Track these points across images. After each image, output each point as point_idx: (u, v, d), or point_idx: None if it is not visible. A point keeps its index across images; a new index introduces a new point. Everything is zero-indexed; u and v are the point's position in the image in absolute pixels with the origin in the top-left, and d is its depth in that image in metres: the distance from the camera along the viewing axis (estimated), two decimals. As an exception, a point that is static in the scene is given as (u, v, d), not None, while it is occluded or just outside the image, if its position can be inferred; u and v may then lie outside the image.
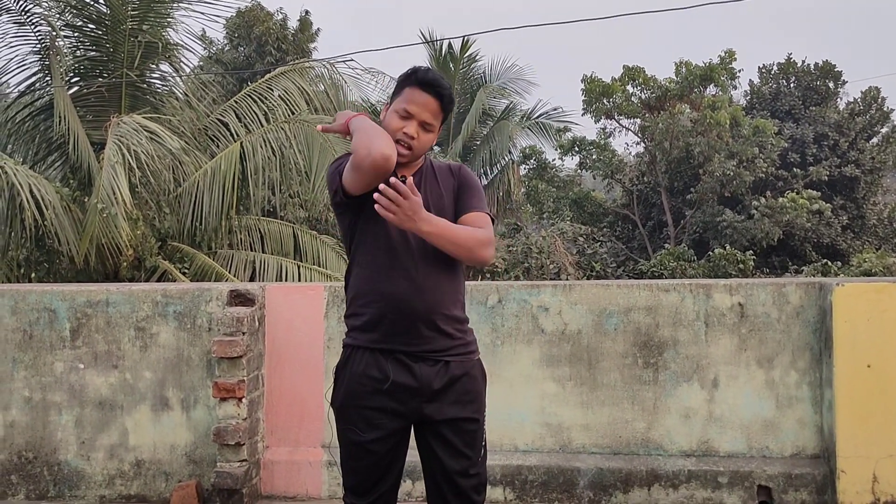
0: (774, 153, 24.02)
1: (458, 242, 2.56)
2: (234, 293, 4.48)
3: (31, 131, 11.02)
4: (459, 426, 2.65)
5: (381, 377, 2.59)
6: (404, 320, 2.58)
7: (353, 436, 2.63)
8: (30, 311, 4.68)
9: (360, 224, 2.64)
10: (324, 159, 10.67)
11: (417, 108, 2.63)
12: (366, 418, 2.60)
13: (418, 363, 2.59)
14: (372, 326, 2.61)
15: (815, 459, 4.36)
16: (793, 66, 27.67)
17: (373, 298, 2.61)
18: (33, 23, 10.50)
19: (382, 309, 2.59)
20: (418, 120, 2.63)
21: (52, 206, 8.94)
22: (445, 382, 2.62)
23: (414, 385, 2.59)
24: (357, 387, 2.61)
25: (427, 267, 2.60)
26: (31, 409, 4.67)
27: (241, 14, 19.44)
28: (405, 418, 2.63)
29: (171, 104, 11.43)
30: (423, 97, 2.64)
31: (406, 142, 2.62)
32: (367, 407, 2.60)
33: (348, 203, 2.61)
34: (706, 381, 4.43)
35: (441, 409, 2.62)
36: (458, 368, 2.65)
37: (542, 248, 19.11)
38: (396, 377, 2.58)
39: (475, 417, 2.69)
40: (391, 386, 2.58)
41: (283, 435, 4.63)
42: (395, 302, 2.57)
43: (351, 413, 2.63)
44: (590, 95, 25.22)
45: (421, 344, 2.59)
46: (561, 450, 4.50)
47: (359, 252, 2.66)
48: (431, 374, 2.60)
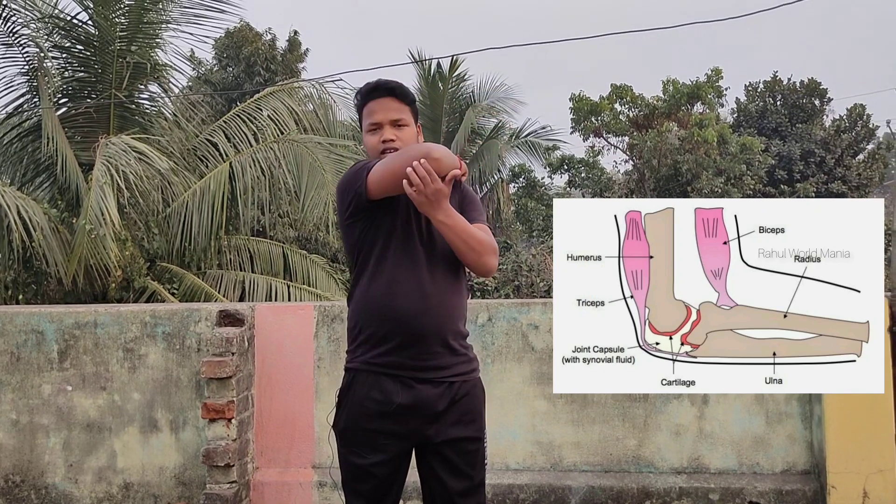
0: (762, 170, 24.20)
1: (471, 242, 2.57)
2: (223, 313, 4.46)
3: (19, 152, 10.98)
4: (462, 446, 2.64)
5: (384, 400, 2.57)
6: (415, 335, 2.57)
7: (356, 459, 2.61)
8: (17, 333, 4.66)
9: (370, 236, 2.62)
10: (313, 178, 10.67)
11: (378, 114, 2.69)
12: (369, 441, 2.59)
13: (423, 385, 2.58)
14: (381, 341, 2.59)
15: (805, 475, 4.36)
16: (779, 83, 27.94)
17: (383, 313, 2.58)
18: (21, 44, 10.48)
19: (393, 323, 2.57)
20: (386, 122, 2.68)
21: (39, 228, 8.89)
22: (448, 403, 2.61)
23: (418, 407, 2.58)
24: (361, 410, 2.60)
25: (438, 282, 2.61)
26: (18, 432, 4.64)
27: (230, 34, 19.49)
28: (408, 441, 2.62)
29: (160, 124, 11.41)
30: (376, 104, 2.71)
31: (390, 147, 2.64)
32: (370, 430, 2.59)
33: (363, 208, 2.59)
34: (696, 397, 4.43)
35: (443, 430, 2.61)
36: (462, 389, 2.65)
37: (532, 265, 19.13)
38: (401, 400, 2.57)
39: (477, 437, 2.69)
40: (396, 409, 2.57)
41: (273, 456, 4.61)
42: (407, 317, 2.56)
43: (354, 436, 2.62)
44: (578, 114, 25.39)
45: (429, 360, 2.58)
46: (552, 468, 4.49)
47: (368, 266, 2.63)
48: (435, 396, 2.59)
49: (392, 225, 2.61)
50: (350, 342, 2.69)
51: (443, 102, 22.99)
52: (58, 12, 10.71)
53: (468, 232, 2.57)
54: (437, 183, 2.43)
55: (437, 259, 2.62)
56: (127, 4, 10.68)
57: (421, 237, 2.63)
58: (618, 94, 25.10)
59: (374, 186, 2.53)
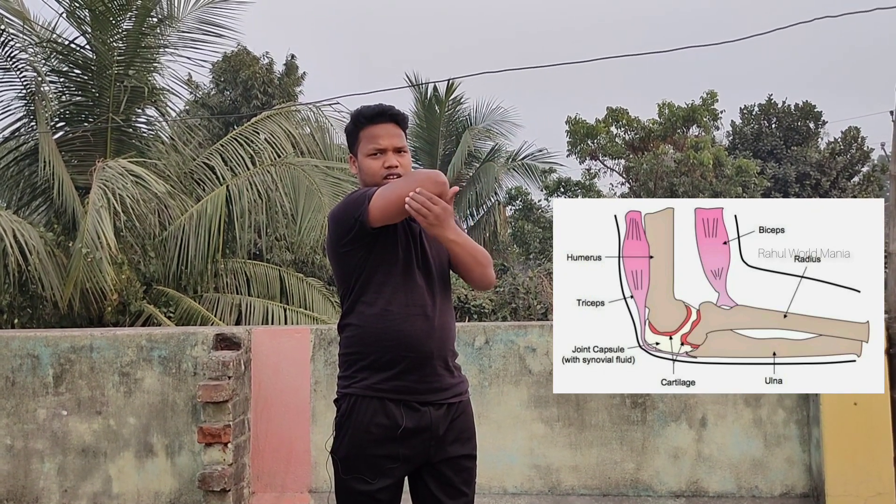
0: (757, 192, 24.28)
1: (478, 256, 2.66)
2: (219, 337, 4.45)
3: (16, 176, 10.99)
4: (459, 464, 2.67)
5: (391, 425, 2.57)
6: (421, 358, 2.59)
7: (360, 486, 2.59)
8: (12, 358, 4.64)
9: (370, 263, 2.62)
10: (310, 202, 10.69)
11: (383, 139, 2.70)
12: (375, 466, 2.58)
13: (427, 407, 2.60)
14: (385, 366, 2.58)
15: (804, 499, 4.34)
16: (773, 106, 28.10)
17: (390, 337, 2.58)
18: (19, 68, 10.52)
19: (400, 348, 2.58)
20: (390, 149, 2.70)
21: (35, 251, 8.89)
22: (448, 423, 2.64)
23: (423, 430, 2.59)
24: (364, 436, 2.58)
25: (438, 305, 2.66)
26: (12, 457, 4.61)
27: (227, 59, 19.57)
28: (413, 463, 2.63)
29: (157, 148, 11.44)
30: (379, 129, 2.72)
31: (394, 173, 2.67)
32: (376, 455, 2.58)
33: (364, 236, 2.59)
34: (694, 420, 4.42)
35: (443, 449, 2.63)
36: (458, 408, 2.69)
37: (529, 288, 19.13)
38: (407, 423, 2.57)
39: (473, 454, 2.72)
40: (402, 433, 2.57)
41: (269, 480, 4.58)
42: (412, 340, 2.58)
43: (358, 462, 2.59)
44: (574, 136, 25.50)
45: (433, 381, 2.61)
46: (550, 492, 4.46)
47: (368, 291, 2.63)
48: (438, 418, 2.62)
49: (391, 252, 2.63)
50: (345, 368, 2.67)
51: (439, 126, 23.09)
52: (55, 37, 10.77)
53: (476, 247, 2.66)
54: (440, 203, 2.48)
55: (433, 283, 2.67)
56: (125, 29, 10.74)
57: (418, 263, 2.66)
58: (613, 116, 25.23)
59: (376, 214, 2.54)
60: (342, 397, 2.66)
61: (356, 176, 2.83)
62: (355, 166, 2.79)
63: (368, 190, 2.62)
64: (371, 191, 2.60)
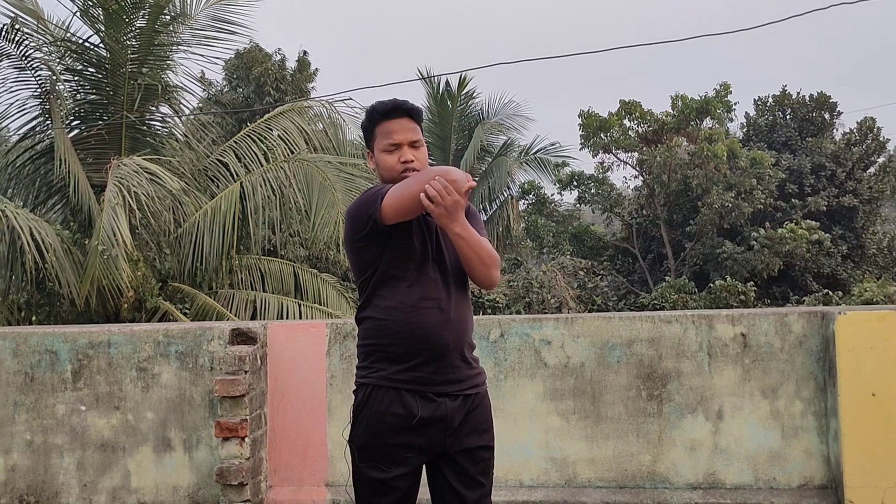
0: (772, 184, 24.14)
1: (483, 255, 2.65)
2: (235, 332, 4.47)
3: (32, 175, 11.06)
4: (476, 455, 2.70)
5: (406, 414, 2.61)
6: (438, 350, 2.62)
7: (376, 473, 2.64)
8: (31, 354, 4.67)
9: (385, 257, 2.66)
10: (323, 198, 10.71)
11: (398, 134, 2.73)
12: (391, 455, 2.62)
13: (443, 398, 2.64)
14: (401, 358, 2.63)
15: (822, 490, 4.32)
16: (788, 97, 27.89)
17: (406, 330, 2.62)
18: (34, 67, 10.58)
19: (417, 340, 2.62)
20: (406, 143, 2.73)
21: (52, 249, 8.95)
22: (464, 414, 2.67)
23: (439, 420, 2.62)
24: (381, 425, 2.62)
25: (453, 298, 2.68)
26: (32, 453, 4.64)
27: (240, 56, 19.62)
28: (428, 453, 2.66)
29: (171, 145, 11.49)
30: (395, 124, 2.74)
31: (410, 167, 2.70)
32: (392, 444, 2.62)
33: (378, 232, 2.62)
34: (711, 412, 4.41)
35: (459, 440, 2.67)
36: (475, 400, 2.72)
37: (542, 282, 19.13)
38: (422, 413, 2.61)
39: (490, 446, 2.76)
40: (418, 422, 2.61)
41: (286, 474, 4.60)
42: (427, 333, 2.62)
43: (375, 451, 2.64)
44: (587, 130, 25.44)
45: (449, 373, 2.65)
46: (566, 484, 4.46)
47: (384, 284, 2.67)
48: (454, 409, 2.65)
49: (407, 246, 2.66)
50: (363, 359, 2.72)
51: (451, 120, 23.08)
52: (70, 35, 10.82)
53: (481, 245, 2.64)
54: (454, 194, 2.49)
55: (448, 276, 2.69)
56: (138, 27, 10.78)
57: (433, 257, 2.69)
58: (626, 110, 25.14)
59: (389, 211, 2.58)
60: (360, 387, 2.71)
61: (374, 171, 2.85)
62: (373, 161, 2.82)
63: (382, 188, 2.66)
64: (385, 189, 2.63)
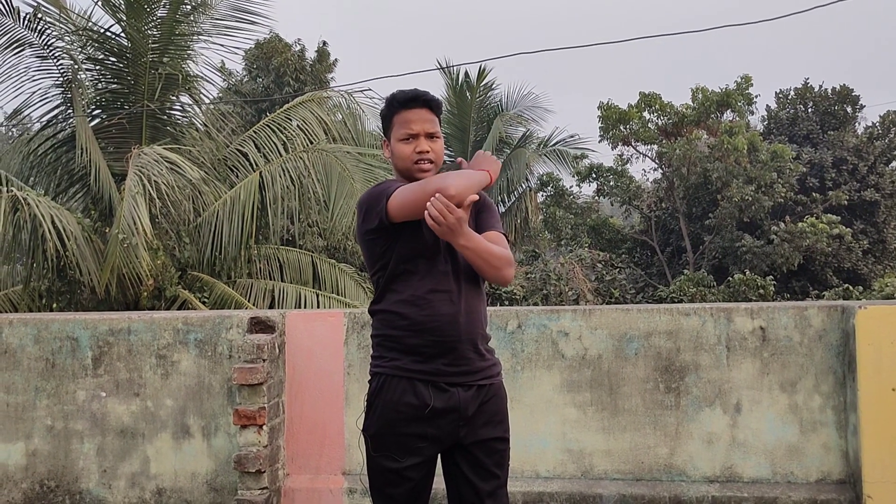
0: (793, 178, 23.96)
1: (490, 260, 2.63)
2: (254, 320, 4.49)
3: (53, 163, 11.15)
4: (491, 447, 2.69)
5: (419, 404, 2.61)
6: (450, 342, 2.63)
7: (389, 463, 2.65)
8: (52, 340, 4.72)
9: (395, 251, 2.66)
10: (342, 188, 10.74)
11: (415, 124, 2.72)
12: (404, 445, 2.63)
13: (456, 388, 2.63)
14: (414, 349, 2.63)
15: (840, 485, 4.30)
16: (810, 90, 27.65)
17: (418, 322, 2.63)
18: (55, 56, 10.66)
19: (428, 332, 2.62)
20: (423, 134, 2.72)
21: (73, 237, 9.02)
22: (478, 405, 2.67)
23: (452, 411, 2.63)
24: (394, 414, 2.63)
25: (465, 290, 2.68)
26: (52, 438, 4.69)
27: (260, 46, 19.69)
28: (441, 443, 2.67)
29: (191, 135, 11.55)
30: (413, 114, 2.73)
31: (425, 158, 2.70)
32: (405, 434, 2.63)
33: (386, 228, 2.63)
34: (729, 405, 4.39)
35: (474, 432, 2.67)
36: (490, 391, 2.71)
37: (560, 274, 19.09)
38: (435, 403, 2.61)
39: (505, 437, 2.75)
40: (430, 412, 2.61)
41: (303, 462, 4.62)
42: (439, 325, 2.62)
43: (387, 440, 2.65)
44: (606, 122, 25.33)
45: (462, 365, 2.65)
46: (583, 476, 4.46)
47: (396, 277, 2.68)
48: (467, 400, 2.65)
49: (417, 239, 2.65)
50: (377, 349, 2.74)
51: (470, 112, 23.03)
52: (91, 25, 10.89)
53: (488, 251, 2.61)
54: (455, 213, 2.46)
55: (459, 268, 2.68)
56: (159, 17, 10.83)
57: (444, 249, 2.69)
58: (646, 102, 25.00)
59: (394, 212, 2.59)
60: (374, 376, 2.72)
61: (389, 160, 2.85)
62: (388, 150, 2.82)
63: (391, 185, 2.66)
64: (392, 187, 2.64)
